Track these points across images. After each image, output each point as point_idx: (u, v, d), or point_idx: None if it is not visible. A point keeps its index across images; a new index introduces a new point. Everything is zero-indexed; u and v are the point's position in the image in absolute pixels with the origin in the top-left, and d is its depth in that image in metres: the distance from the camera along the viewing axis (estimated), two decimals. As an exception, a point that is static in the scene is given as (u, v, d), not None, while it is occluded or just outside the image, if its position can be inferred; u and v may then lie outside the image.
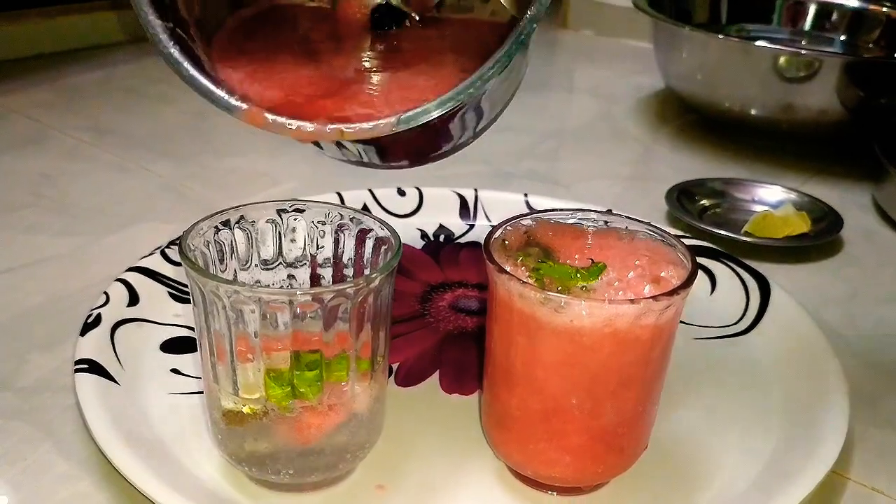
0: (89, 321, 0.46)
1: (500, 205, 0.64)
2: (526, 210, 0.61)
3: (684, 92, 0.92)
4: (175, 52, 0.32)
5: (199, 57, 0.33)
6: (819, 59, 0.79)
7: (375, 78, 0.37)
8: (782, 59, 0.79)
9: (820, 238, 0.66)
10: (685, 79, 0.90)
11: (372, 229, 0.39)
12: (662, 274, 0.36)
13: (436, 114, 0.32)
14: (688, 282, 0.35)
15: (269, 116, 0.32)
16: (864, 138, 0.79)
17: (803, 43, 1.00)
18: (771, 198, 0.72)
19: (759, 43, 0.94)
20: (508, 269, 0.35)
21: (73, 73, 0.99)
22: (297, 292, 0.33)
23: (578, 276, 0.36)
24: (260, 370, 0.35)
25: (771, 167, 0.82)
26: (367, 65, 0.39)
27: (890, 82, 0.80)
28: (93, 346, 0.44)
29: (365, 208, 0.62)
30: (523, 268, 0.36)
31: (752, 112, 0.84)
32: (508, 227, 0.39)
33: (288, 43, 0.39)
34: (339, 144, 0.40)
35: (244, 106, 0.32)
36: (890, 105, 0.80)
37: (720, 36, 0.90)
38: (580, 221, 0.40)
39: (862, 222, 0.71)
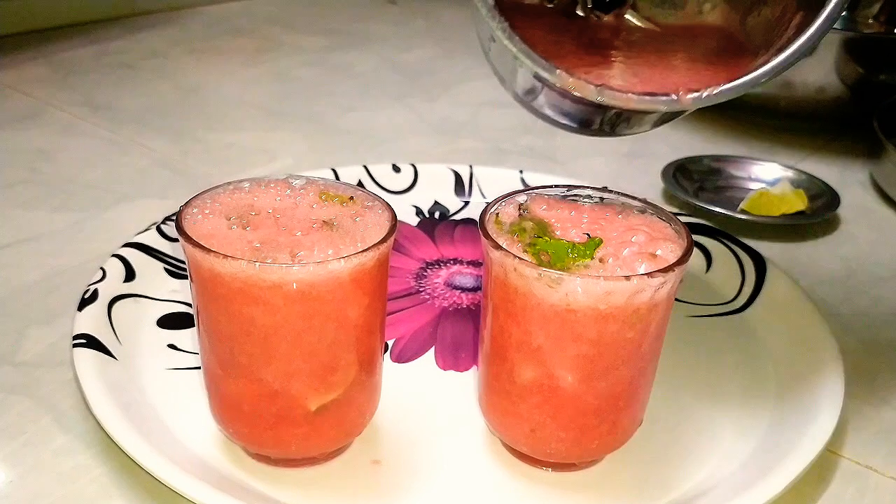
0: (87, 296, 0.46)
1: (495, 181, 0.64)
2: (521, 187, 0.61)
3: (683, 68, 0.91)
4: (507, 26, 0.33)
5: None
6: (818, 35, 0.78)
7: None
8: (781, 36, 0.78)
9: (817, 216, 0.65)
10: (684, 55, 0.89)
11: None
12: (658, 251, 0.36)
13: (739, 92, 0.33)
14: (683, 259, 0.35)
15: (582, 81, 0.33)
16: (862, 115, 0.78)
17: (803, 19, 0.99)
18: (768, 175, 0.71)
19: (758, 19, 0.93)
20: (503, 245, 0.35)
21: (67, 49, 0.99)
22: (294, 267, 0.33)
23: (574, 251, 0.36)
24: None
25: (768, 144, 0.82)
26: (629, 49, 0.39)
27: (889, 58, 0.79)
28: (90, 321, 0.44)
29: (360, 184, 0.62)
30: (519, 244, 0.36)
31: (751, 89, 0.83)
32: (503, 203, 0.39)
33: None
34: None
35: (561, 71, 0.33)
36: (889, 82, 0.79)
37: (719, 12, 0.89)
38: (575, 197, 0.40)
39: (859, 200, 0.71)
